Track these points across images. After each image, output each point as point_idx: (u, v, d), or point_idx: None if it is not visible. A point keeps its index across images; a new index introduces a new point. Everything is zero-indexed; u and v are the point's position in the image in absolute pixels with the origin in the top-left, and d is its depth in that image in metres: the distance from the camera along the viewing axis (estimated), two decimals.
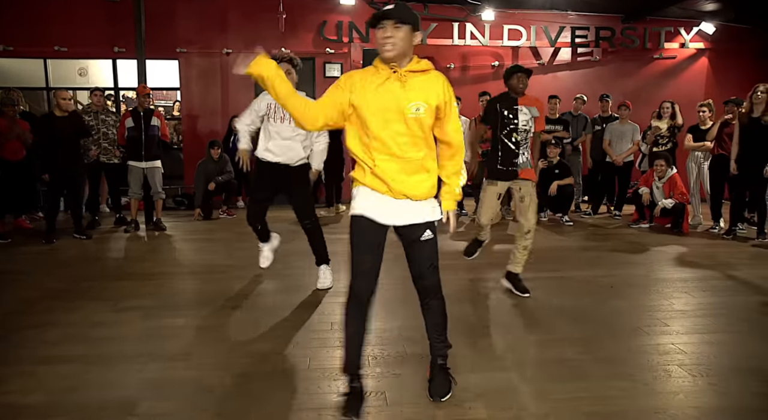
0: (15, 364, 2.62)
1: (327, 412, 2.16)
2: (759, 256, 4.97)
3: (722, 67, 9.21)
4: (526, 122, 3.59)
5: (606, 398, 2.28)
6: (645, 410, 2.18)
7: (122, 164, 6.47)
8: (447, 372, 2.30)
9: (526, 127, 3.58)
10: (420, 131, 2.08)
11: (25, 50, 8.12)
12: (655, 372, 2.53)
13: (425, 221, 2.16)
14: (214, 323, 3.22)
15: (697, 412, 2.16)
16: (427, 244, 2.17)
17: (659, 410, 2.18)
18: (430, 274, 2.20)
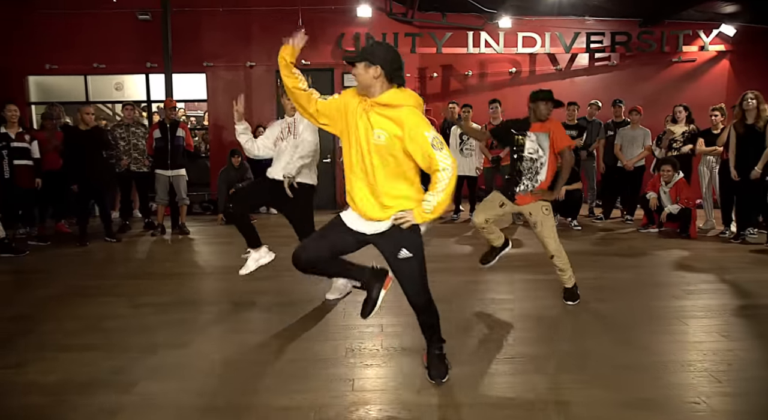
0: (39, 350, 3.00)
1: (314, 400, 2.43)
2: (756, 261, 4.96)
3: (745, 69, 9.05)
4: (534, 151, 3.53)
5: (568, 390, 2.46)
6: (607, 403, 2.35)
7: (151, 173, 6.96)
8: (443, 358, 2.54)
9: (532, 155, 3.53)
10: (388, 158, 2.25)
11: (67, 68, 8.79)
12: (633, 370, 2.68)
13: (398, 236, 2.31)
14: (218, 318, 3.55)
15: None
16: (404, 262, 2.34)
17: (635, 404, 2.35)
18: (413, 294, 2.40)
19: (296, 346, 3.00)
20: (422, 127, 2.22)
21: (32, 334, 3.24)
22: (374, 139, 2.24)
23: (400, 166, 2.28)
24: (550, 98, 3.53)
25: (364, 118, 2.28)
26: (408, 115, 2.23)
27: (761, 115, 5.37)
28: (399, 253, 2.33)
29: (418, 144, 2.21)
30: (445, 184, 2.22)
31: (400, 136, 2.22)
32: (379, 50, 2.28)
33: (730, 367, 2.66)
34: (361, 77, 2.26)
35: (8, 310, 3.72)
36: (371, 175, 2.28)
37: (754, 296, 3.90)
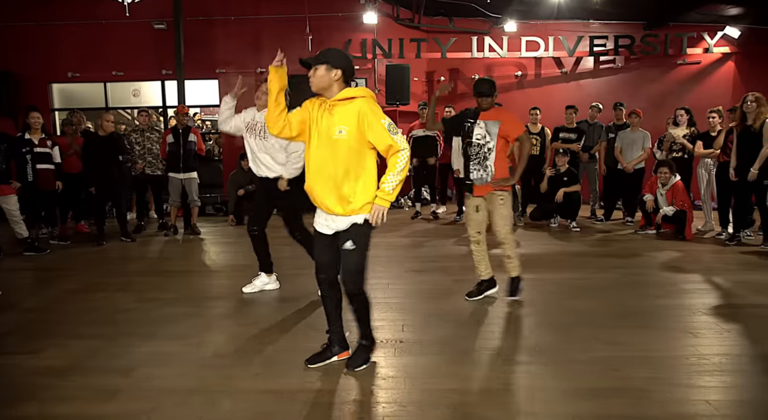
0: (54, 337, 3.30)
1: (310, 386, 2.67)
2: (743, 262, 5.05)
3: (750, 70, 9.07)
4: (482, 137, 3.72)
5: (528, 374, 2.65)
6: (539, 388, 2.55)
7: (165, 176, 7.30)
8: (365, 350, 2.79)
9: (480, 141, 3.73)
10: (349, 152, 2.51)
11: (88, 76, 9.26)
12: (587, 361, 2.87)
13: (352, 231, 2.58)
14: (221, 312, 3.82)
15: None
16: (348, 253, 2.61)
17: (550, 389, 2.54)
18: (349, 281, 2.66)
19: (295, 338, 3.25)
20: (377, 115, 2.49)
21: (49, 324, 3.55)
22: (336, 134, 2.50)
23: (361, 160, 2.53)
24: (488, 92, 3.73)
25: (327, 117, 2.54)
26: (363, 105, 2.50)
27: (759, 117, 5.43)
28: (345, 244, 2.61)
29: (376, 130, 2.48)
30: (403, 164, 2.50)
31: (360, 127, 2.48)
32: (339, 55, 2.56)
33: (687, 362, 2.82)
34: (322, 79, 2.53)
35: (29, 302, 4.07)
36: (335, 172, 2.53)
37: (732, 296, 4.02)
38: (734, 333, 3.23)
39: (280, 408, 2.40)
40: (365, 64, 9.27)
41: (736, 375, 2.67)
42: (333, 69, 2.51)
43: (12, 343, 3.23)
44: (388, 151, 2.50)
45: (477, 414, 2.31)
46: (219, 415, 2.36)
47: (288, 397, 2.50)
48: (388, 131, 2.47)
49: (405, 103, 9.09)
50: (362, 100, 2.52)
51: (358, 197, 2.55)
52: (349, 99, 2.52)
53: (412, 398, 2.46)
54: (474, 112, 3.88)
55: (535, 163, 7.72)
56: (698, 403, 2.39)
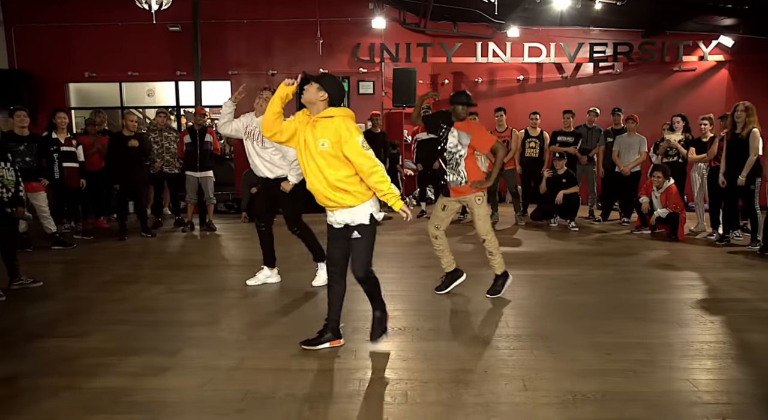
0: (97, 324, 3.63)
1: (324, 366, 3.01)
2: (734, 261, 5.40)
3: (743, 78, 9.41)
4: (454, 145, 4.01)
5: (509, 361, 2.99)
6: (534, 369, 2.88)
7: (181, 174, 7.62)
8: (381, 321, 3.17)
9: (452, 149, 4.02)
10: (332, 160, 2.89)
11: (104, 76, 9.57)
12: (583, 346, 3.21)
13: (354, 224, 2.99)
14: (243, 301, 4.15)
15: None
16: (355, 241, 3.00)
17: (548, 370, 2.88)
18: (357, 268, 3.04)
19: (308, 324, 3.58)
20: (353, 133, 2.88)
21: (91, 312, 3.88)
22: (320, 146, 2.91)
23: (343, 165, 2.93)
24: (466, 102, 3.98)
25: (311, 131, 2.95)
26: (340, 123, 2.90)
27: (747, 126, 5.76)
28: (352, 234, 3.00)
29: (350, 145, 2.86)
30: (383, 182, 2.90)
31: (338, 142, 2.88)
32: (332, 83, 2.98)
33: (672, 348, 3.16)
34: (311, 95, 2.93)
35: (68, 293, 4.41)
36: (321, 175, 2.94)
37: (718, 292, 4.36)
38: (717, 324, 3.57)
39: (318, 383, 2.74)
40: (373, 68, 9.59)
41: (716, 359, 3.01)
42: (322, 90, 2.91)
43: (60, 329, 3.55)
44: (362, 170, 2.90)
45: (487, 388, 2.65)
46: (264, 387, 2.68)
47: (321, 375, 2.83)
48: (361, 146, 2.88)
49: (411, 105, 9.40)
50: (340, 119, 2.91)
51: (349, 191, 2.96)
52: (329, 117, 2.92)
53: (431, 376, 2.80)
54: (448, 119, 4.11)
55: (535, 166, 8.07)
56: (682, 381, 2.73)
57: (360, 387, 2.70)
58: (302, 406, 2.50)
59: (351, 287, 3.22)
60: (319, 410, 2.47)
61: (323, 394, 2.63)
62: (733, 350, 3.14)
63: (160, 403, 2.54)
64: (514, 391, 2.64)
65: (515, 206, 8.09)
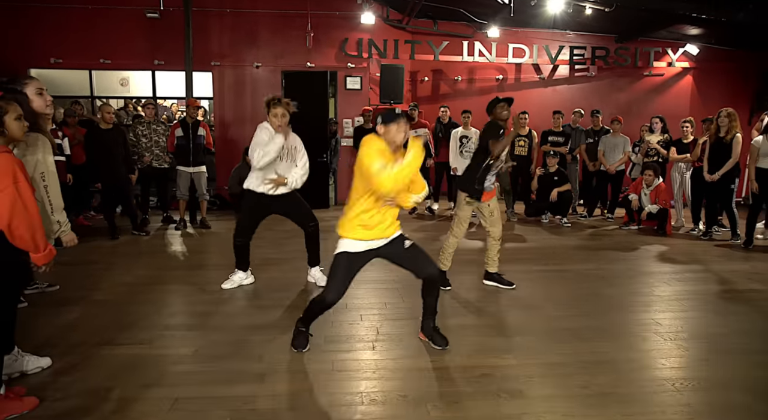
0: (152, 329, 3.44)
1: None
2: (726, 254, 5.85)
3: (705, 84, 10.14)
4: (505, 153, 4.24)
5: (598, 353, 3.13)
6: (627, 360, 3.04)
7: (171, 169, 7.27)
8: (438, 330, 3.23)
9: (503, 157, 4.22)
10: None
11: (72, 62, 8.89)
12: (636, 336, 3.40)
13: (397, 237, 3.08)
14: (292, 304, 4.03)
15: (664, 362, 3.03)
16: (413, 247, 3.07)
17: (636, 360, 3.04)
18: (431, 266, 3.10)
19: (381, 324, 3.57)
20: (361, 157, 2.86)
21: (135, 316, 3.66)
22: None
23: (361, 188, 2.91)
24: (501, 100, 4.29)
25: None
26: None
27: (730, 131, 6.25)
28: (404, 244, 3.03)
29: (363, 168, 2.84)
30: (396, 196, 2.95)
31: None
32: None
33: (720, 335, 3.42)
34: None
35: (95, 296, 4.12)
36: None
37: (731, 283, 4.73)
38: (751, 314, 3.89)
39: (423, 382, 2.75)
40: (361, 63, 9.52)
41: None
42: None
43: (115, 335, 3.33)
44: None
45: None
46: (381, 388, 2.66)
47: (418, 373, 2.85)
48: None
49: (399, 102, 9.43)
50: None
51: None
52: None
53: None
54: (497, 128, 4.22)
55: (523, 164, 8.34)
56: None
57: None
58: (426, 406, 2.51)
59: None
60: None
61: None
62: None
63: (285, 409, 2.46)
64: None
65: (507, 203, 8.33)
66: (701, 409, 2.50)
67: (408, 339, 3.31)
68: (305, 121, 5.16)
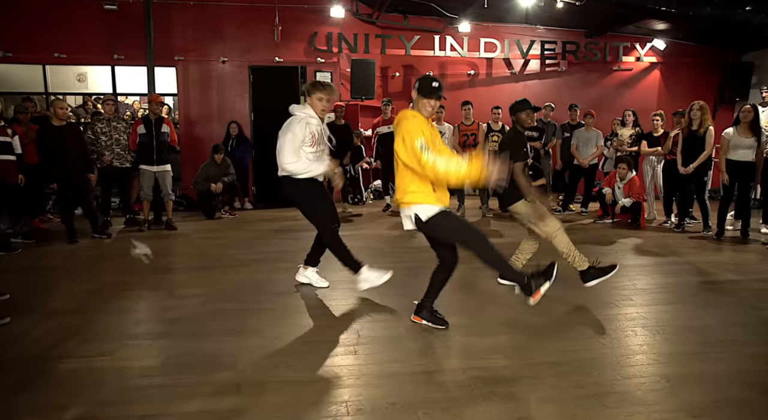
0: (116, 339, 3.16)
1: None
2: (701, 246, 5.90)
3: (672, 78, 10.32)
4: None
5: (590, 350, 3.03)
6: (617, 356, 2.94)
7: (133, 168, 6.91)
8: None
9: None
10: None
11: (24, 56, 8.39)
12: (624, 331, 3.31)
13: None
14: (266, 306, 3.79)
15: (656, 357, 2.94)
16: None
17: (628, 356, 2.95)
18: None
19: (387, 321, 3.39)
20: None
21: (97, 326, 3.37)
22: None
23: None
24: (532, 108, 4.04)
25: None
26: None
27: (703, 123, 6.30)
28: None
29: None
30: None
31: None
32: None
33: (707, 326, 3.37)
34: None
35: (51, 305, 3.78)
36: None
37: (711, 274, 4.73)
38: (737, 305, 3.87)
39: (409, 387, 2.58)
40: (331, 58, 9.30)
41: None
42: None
43: (79, 347, 3.04)
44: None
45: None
46: (367, 396, 2.48)
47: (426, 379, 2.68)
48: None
49: (370, 98, 9.27)
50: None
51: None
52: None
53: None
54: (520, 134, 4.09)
55: None
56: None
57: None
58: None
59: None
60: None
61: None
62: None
63: None
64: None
65: (481, 198, 8.26)
66: (704, 405, 2.41)
67: (391, 342, 3.15)
68: (274, 118, 4.88)
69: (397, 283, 4.07)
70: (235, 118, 8.68)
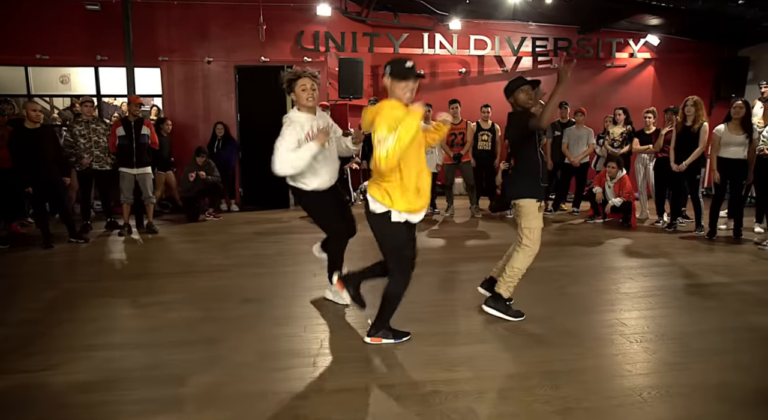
0: (66, 351, 3.03)
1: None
2: (692, 247, 5.73)
3: (666, 75, 10.12)
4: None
5: (563, 361, 2.87)
6: (592, 368, 2.79)
7: (113, 171, 6.77)
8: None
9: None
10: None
11: (6, 58, 8.27)
12: (601, 340, 3.16)
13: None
14: (234, 315, 3.64)
15: (630, 368, 2.78)
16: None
17: (601, 368, 2.79)
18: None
19: (339, 335, 3.24)
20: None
21: (52, 337, 3.24)
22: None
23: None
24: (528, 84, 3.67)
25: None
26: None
27: (697, 119, 6.12)
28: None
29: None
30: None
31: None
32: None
33: (684, 335, 3.21)
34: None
35: (12, 315, 3.64)
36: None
37: (696, 276, 4.56)
38: (718, 309, 3.70)
39: (366, 403, 2.43)
40: (318, 57, 9.15)
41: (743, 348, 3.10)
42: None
43: (21, 361, 2.91)
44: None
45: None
46: (320, 412, 2.33)
47: (365, 392, 2.53)
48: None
49: (358, 97, 9.11)
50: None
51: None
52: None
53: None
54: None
55: (487, 158, 8.11)
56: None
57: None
58: None
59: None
60: None
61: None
62: (752, 333, 3.25)
63: None
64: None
65: (471, 199, 8.10)
66: None
67: (351, 352, 3.00)
68: (261, 119, 4.71)
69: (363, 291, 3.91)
70: (221, 119, 8.54)
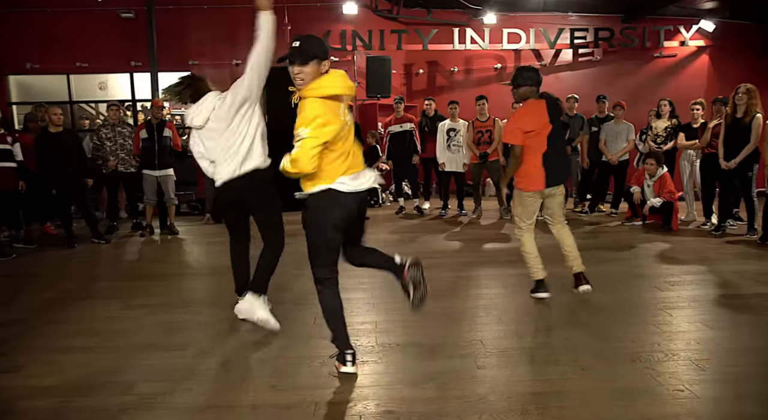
0: (36, 353, 3.00)
1: (313, 397, 2.47)
2: (739, 252, 5.11)
3: (723, 63, 9.27)
4: None
5: (542, 382, 2.53)
6: (575, 392, 2.43)
7: (138, 173, 6.91)
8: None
9: None
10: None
11: (50, 67, 8.70)
12: (600, 359, 2.77)
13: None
14: (213, 318, 3.55)
15: (631, 395, 2.41)
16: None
17: (586, 392, 2.43)
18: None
19: (292, 344, 3.04)
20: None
21: (27, 338, 3.24)
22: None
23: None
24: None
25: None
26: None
27: (750, 110, 5.46)
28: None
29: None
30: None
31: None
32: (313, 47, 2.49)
33: (712, 356, 2.76)
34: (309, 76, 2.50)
35: (6, 315, 3.69)
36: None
37: (735, 287, 4.03)
38: (755, 326, 3.21)
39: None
40: (345, 56, 9.04)
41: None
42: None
43: None
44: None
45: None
46: None
47: (310, 405, 2.30)
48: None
49: (386, 96, 8.92)
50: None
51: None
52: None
53: (455, 408, 2.31)
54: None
55: None
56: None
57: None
58: None
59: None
60: None
61: None
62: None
63: None
64: None
65: (499, 200, 7.70)
66: None
67: (306, 364, 2.77)
68: (288, 119, 4.55)
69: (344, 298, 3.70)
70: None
